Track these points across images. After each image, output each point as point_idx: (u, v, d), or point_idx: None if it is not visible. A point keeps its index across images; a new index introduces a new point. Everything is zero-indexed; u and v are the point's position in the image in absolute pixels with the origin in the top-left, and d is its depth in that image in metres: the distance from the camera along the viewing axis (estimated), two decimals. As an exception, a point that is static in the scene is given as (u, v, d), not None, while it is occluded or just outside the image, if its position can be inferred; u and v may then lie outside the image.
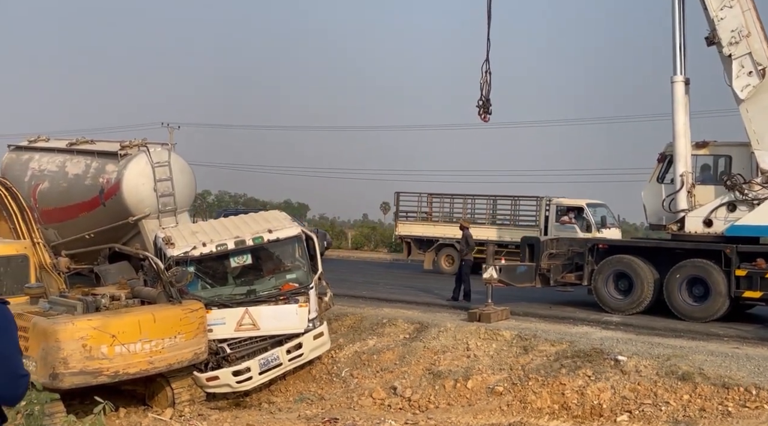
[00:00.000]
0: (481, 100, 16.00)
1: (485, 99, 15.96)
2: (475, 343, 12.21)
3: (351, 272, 23.32)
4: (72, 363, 9.39)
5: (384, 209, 71.63)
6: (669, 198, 15.15)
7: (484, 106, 16.01)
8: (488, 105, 16.01)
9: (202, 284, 11.96)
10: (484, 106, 16.01)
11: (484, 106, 16.01)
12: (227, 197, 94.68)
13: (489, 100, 15.99)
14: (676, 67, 15.12)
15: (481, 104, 16.03)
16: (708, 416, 9.29)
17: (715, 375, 9.93)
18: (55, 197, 15.03)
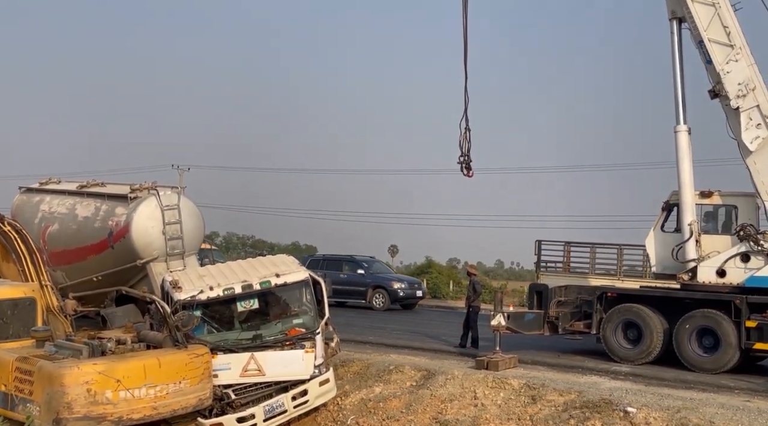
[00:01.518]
0: (462, 157, 15.90)
1: (466, 156, 15.88)
2: (482, 392, 12.08)
3: (358, 317, 23.21)
4: (76, 408, 9.32)
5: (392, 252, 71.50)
6: (677, 247, 15.09)
7: (466, 162, 15.93)
8: (469, 161, 15.89)
9: (208, 328, 11.92)
10: (465, 163, 15.93)
11: (466, 163, 15.92)
12: (235, 239, 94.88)
13: (469, 156, 15.87)
14: (679, 116, 15.23)
15: (462, 161, 15.93)
16: (719, 471, 9.12)
17: (726, 429, 9.78)
18: (65, 239, 15.08)
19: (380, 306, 26.21)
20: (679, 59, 15.30)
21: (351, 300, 26.89)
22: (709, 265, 14.64)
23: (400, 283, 27.18)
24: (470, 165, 15.87)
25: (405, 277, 29.02)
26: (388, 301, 26.24)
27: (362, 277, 27.01)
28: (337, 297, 26.48)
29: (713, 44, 14.55)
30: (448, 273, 44.34)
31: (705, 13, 14.59)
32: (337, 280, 25.38)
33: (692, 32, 14.92)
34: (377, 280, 26.93)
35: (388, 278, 27.53)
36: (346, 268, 27.53)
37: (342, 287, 26.01)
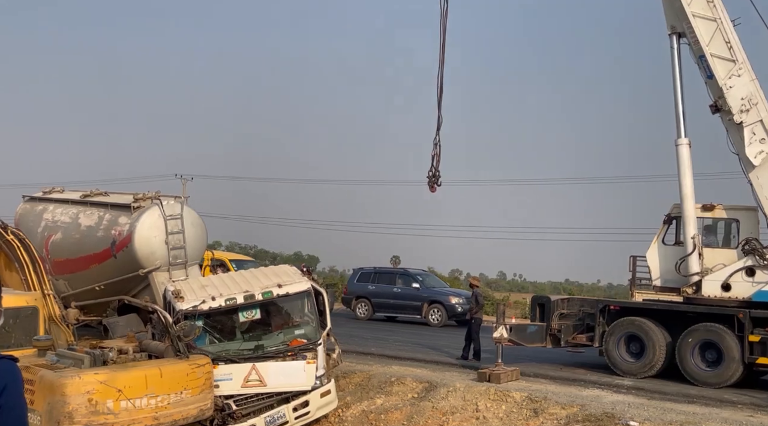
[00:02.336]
0: (431, 172, 16.09)
1: (435, 170, 16.06)
2: (484, 405, 12.05)
3: (360, 328, 23.17)
4: (77, 417, 9.31)
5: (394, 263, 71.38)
6: (681, 260, 15.07)
7: (434, 177, 16.11)
8: (438, 177, 16.10)
9: (210, 339, 11.91)
10: (434, 177, 16.11)
11: (434, 178, 16.11)
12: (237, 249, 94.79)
13: (438, 171, 16.08)
14: (680, 130, 15.27)
15: (430, 176, 16.13)
16: (722, 487, 9.08)
17: (730, 444, 9.73)
18: (67, 248, 15.11)
19: (436, 322, 24.91)
20: (679, 73, 15.36)
21: (403, 315, 26.03)
22: (714, 278, 14.61)
23: (457, 297, 25.59)
24: (438, 180, 16.12)
25: (461, 292, 27.17)
26: (445, 317, 24.93)
27: (417, 292, 25.67)
28: (388, 311, 26.26)
29: (715, 59, 14.59)
30: (451, 284, 44.32)
31: (706, 29, 14.64)
32: (389, 295, 25.53)
33: (692, 47, 14.97)
34: (433, 295, 25.74)
35: (444, 293, 26.32)
36: (400, 282, 26.32)
37: (395, 302, 25.56)
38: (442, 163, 15.95)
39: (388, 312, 26.39)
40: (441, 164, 16.00)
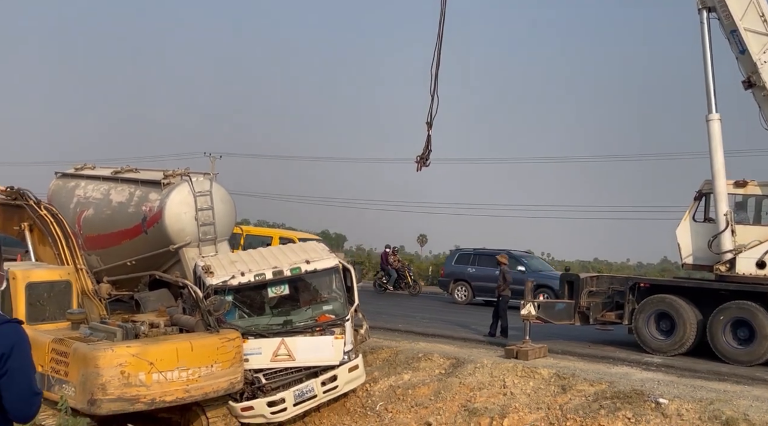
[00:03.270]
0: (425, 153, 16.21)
1: (427, 151, 16.16)
2: (512, 381, 12.04)
3: (388, 304, 23.24)
4: (110, 389, 9.48)
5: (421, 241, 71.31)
6: (713, 238, 14.87)
7: (425, 157, 16.28)
8: (427, 158, 16.27)
9: (239, 313, 12.03)
10: (425, 158, 16.28)
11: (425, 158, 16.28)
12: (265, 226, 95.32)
13: (430, 152, 16.21)
14: (711, 106, 15.00)
15: (421, 155, 16.26)
16: (753, 464, 9.00)
17: (761, 421, 9.64)
18: (99, 224, 15.26)
19: None
20: (710, 49, 15.05)
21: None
22: (749, 256, 14.42)
23: None
24: (427, 162, 16.29)
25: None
26: None
27: (522, 275, 23.14)
28: (490, 295, 23.50)
29: (749, 33, 14.32)
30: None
31: (739, 2, 14.35)
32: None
33: (722, 22, 14.68)
34: (541, 279, 23.42)
35: (553, 277, 23.97)
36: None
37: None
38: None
39: (489, 296, 24.19)
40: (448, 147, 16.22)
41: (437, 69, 16.00)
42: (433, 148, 16.13)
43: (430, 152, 16.09)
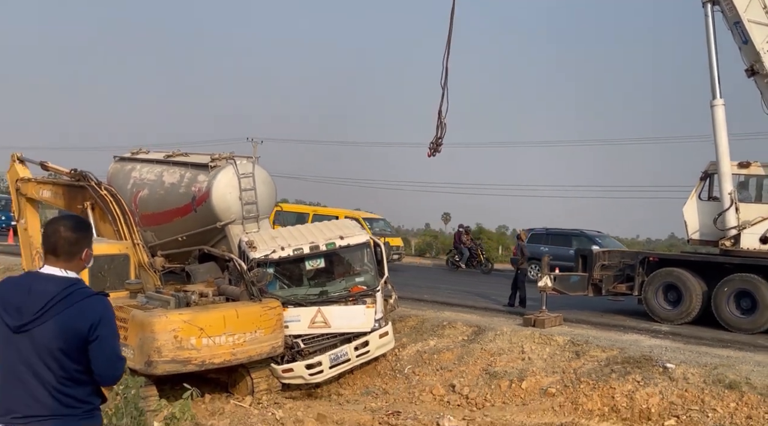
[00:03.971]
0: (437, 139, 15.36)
1: (439, 139, 15.32)
2: (529, 347, 12.05)
3: (414, 277, 23.30)
4: (165, 352, 9.66)
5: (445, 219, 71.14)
6: (719, 215, 14.70)
7: (437, 144, 15.44)
8: (439, 144, 15.44)
9: (279, 284, 12.15)
10: (437, 145, 15.44)
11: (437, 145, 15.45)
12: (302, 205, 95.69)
13: (441, 140, 15.36)
14: (715, 91, 14.75)
15: (433, 142, 15.41)
16: (755, 424, 8.95)
17: (762, 385, 9.56)
18: (153, 203, 15.40)
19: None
20: (714, 40, 14.76)
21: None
22: (753, 232, 14.28)
23: None
24: (439, 148, 15.47)
25: None
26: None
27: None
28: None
29: (752, 24, 14.06)
30: (498, 239, 44.06)
31: None
32: (565, 257, 20.68)
33: (726, 14, 14.43)
34: None
35: None
36: (576, 244, 22.65)
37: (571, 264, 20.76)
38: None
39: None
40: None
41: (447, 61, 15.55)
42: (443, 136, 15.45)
43: (442, 139, 15.59)
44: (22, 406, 3.32)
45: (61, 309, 3.32)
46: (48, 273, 3.44)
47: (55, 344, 3.30)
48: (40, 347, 3.31)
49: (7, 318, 3.35)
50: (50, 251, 3.46)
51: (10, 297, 3.39)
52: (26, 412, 3.31)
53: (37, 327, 3.31)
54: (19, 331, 3.33)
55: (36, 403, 3.31)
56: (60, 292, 3.36)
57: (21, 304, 3.35)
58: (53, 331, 3.30)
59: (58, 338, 3.30)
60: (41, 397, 3.31)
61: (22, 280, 3.49)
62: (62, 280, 3.42)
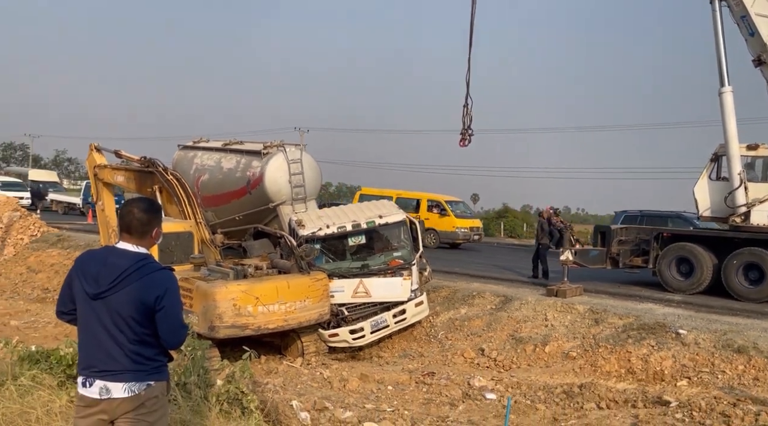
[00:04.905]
0: (466, 130, 14.71)
1: (468, 128, 14.69)
2: (552, 315, 11.94)
3: (446, 252, 23.24)
4: (225, 318, 9.82)
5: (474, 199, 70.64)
6: (729, 194, 14.31)
7: (466, 134, 14.77)
8: (470, 134, 14.77)
9: (325, 259, 12.23)
10: (466, 134, 14.78)
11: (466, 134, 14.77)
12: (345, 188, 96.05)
13: (471, 129, 14.72)
14: (723, 79, 14.24)
15: (463, 132, 14.74)
16: (761, 385, 8.74)
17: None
18: (213, 186, 15.59)
19: None
20: (722, 32, 14.22)
21: None
22: (762, 209, 13.92)
23: None
24: (469, 137, 14.82)
25: None
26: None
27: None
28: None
29: (759, 18, 13.59)
30: (523, 217, 43.67)
31: None
32: None
33: (733, 9, 13.94)
34: None
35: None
36: (672, 226, 19.43)
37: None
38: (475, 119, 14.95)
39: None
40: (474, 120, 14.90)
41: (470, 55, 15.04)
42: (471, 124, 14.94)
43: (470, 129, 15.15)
44: (99, 362, 3.41)
45: (132, 281, 3.39)
46: (122, 248, 3.51)
47: (126, 311, 3.38)
48: (114, 313, 3.39)
49: (86, 286, 3.44)
50: (125, 229, 3.52)
51: (89, 267, 3.48)
52: (103, 367, 3.40)
53: (112, 295, 3.39)
54: (96, 298, 3.41)
55: (111, 360, 3.40)
56: (131, 265, 3.42)
57: (97, 274, 3.43)
58: (125, 300, 3.38)
59: (129, 306, 3.37)
60: (116, 355, 3.40)
61: (100, 253, 3.57)
62: (134, 254, 3.48)
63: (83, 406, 3.44)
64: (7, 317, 14.56)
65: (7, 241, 21.32)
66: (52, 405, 4.45)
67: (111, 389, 3.38)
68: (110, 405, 3.38)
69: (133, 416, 3.40)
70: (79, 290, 3.46)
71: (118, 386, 3.38)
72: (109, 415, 3.40)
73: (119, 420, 3.41)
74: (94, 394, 3.39)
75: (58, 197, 37.18)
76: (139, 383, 3.41)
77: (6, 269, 20.06)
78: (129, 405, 3.39)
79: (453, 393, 9.09)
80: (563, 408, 8.58)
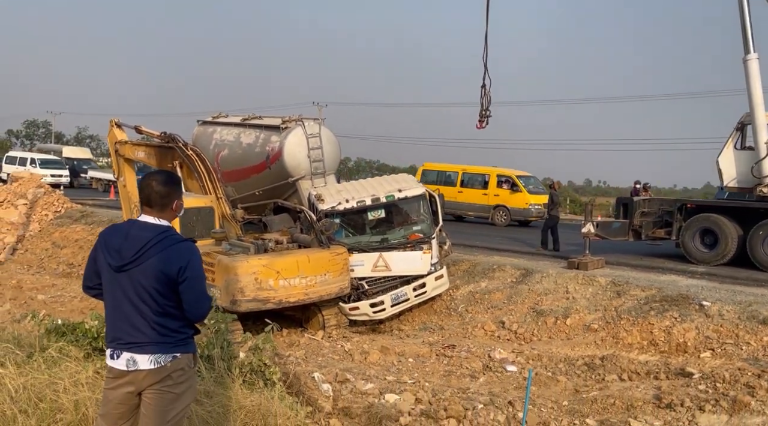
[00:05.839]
0: (484, 111, 14.63)
1: (486, 109, 14.60)
2: (573, 288, 11.89)
3: (466, 226, 23.17)
4: (247, 292, 9.91)
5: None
6: (756, 164, 14.03)
7: (484, 115, 14.68)
8: (488, 115, 14.65)
9: (345, 233, 12.25)
10: (484, 116, 14.67)
11: (484, 116, 14.67)
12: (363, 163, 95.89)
13: (489, 110, 14.61)
14: (749, 46, 13.90)
15: (482, 114, 14.66)
16: (787, 357, 8.65)
17: (795, 321, 9.20)
18: (233, 161, 15.59)
19: None
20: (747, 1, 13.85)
21: None
22: None
23: None
24: (487, 118, 14.70)
25: None
26: None
27: None
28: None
29: None
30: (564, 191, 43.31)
31: None
32: None
33: None
34: None
35: None
36: None
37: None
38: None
39: None
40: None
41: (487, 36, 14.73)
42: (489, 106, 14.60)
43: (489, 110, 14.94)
44: (125, 334, 3.46)
45: (155, 253, 3.41)
46: (144, 221, 3.53)
47: (150, 283, 3.41)
48: (138, 285, 3.42)
49: (109, 259, 3.47)
50: (145, 202, 3.55)
51: (112, 241, 3.51)
52: (129, 339, 3.45)
53: (135, 268, 3.42)
54: (120, 270, 3.44)
55: (137, 332, 3.44)
56: (153, 237, 3.44)
57: (120, 247, 3.46)
58: (148, 272, 3.40)
59: (153, 278, 3.40)
60: (141, 327, 3.44)
61: (122, 227, 3.60)
62: (156, 227, 3.50)
63: (111, 377, 3.50)
64: (34, 292, 14.85)
65: (32, 217, 21.66)
66: (78, 376, 4.54)
67: (138, 361, 3.42)
68: (137, 377, 3.43)
69: (160, 387, 3.45)
70: (103, 264, 3.50)
71: (144, 358, 3.42)
72: (136, 387, 3.45)
73: (146, 392, 3.46)
74: (121, 366, 3.45)
75: (97, 174, 37.50)
76: (164, 355, 3.45)
77: (32, 245, 20.42)
78: (155, 377, 3.44)
79: (474, 365, 9.13)
80: (584, 380, 8.58)
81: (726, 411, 6.76)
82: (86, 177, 37.90)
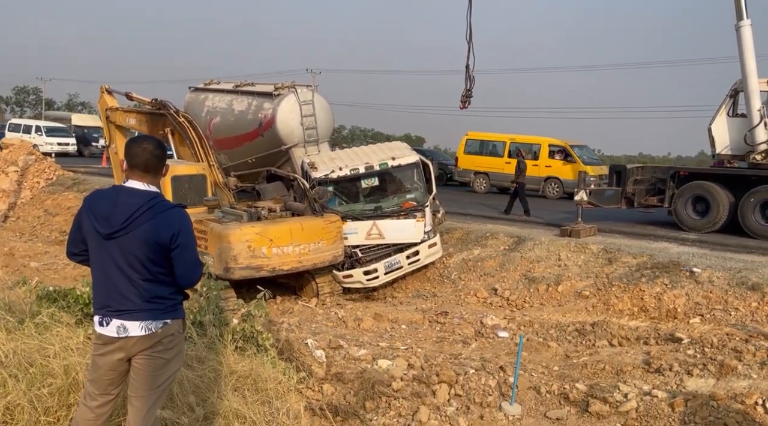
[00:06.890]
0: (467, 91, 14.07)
1: (468, 91, 14.07)
2: (565, 255, 11.93)
3: (460, 194, 23.15)
4: (240, 260, 9.91)
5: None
6: (749, 131, 14.00)
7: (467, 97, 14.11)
8: (470, 96, 14.13)
9: (338, 201, 12.22)
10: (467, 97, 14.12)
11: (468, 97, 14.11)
12: (358, 131, 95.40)
13: (471, 92, 14.08)
14: (742, 12, 13.74)
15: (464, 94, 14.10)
16: (774, 323, 8.75)
17: (784, 287, 9.28)
18: (225, 129, 15.49)
19: None
20: None
21: None
22: None
23: None
24: (469, 100, 14.18)
25: None
26: None
27: None
28: None
29: None
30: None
31: None
32: None
33: None
34: None
35: None
36: None
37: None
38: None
39: None
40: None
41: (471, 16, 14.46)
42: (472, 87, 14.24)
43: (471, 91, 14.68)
44: (114, 301, 3.44)
45: (146, 220, 3.37)
46: (131, 187, 3.48)
47: (140, 251, 3.37)
48: (128, 253, 3.39)
49: (97, 226, 3.43)
50: (140, 168, 3.46)
51: (99, 207, 3.46)
52: (118, 307, 3.43)
53: (125, 235, 3.38)
54: (109, 238, 3.41)
55: (126, 300, 3.42)
56: (144, 204, 3.40)
57: (109, 214, 3.41)
58: (139, 239, 3.37)
59: (143, 246, 3.37)
60: (130, 294, 3.42)
61: (109, 193, 3.54)
62: (145, 193, 3.46)
63: (100, 344, 3.49)
64: (26, 259, 14.83)
65: (23, 185, 21.53)
66: (69, 341, 4.55)
67: (128, 328, 3.42)
68: (127, 343, 3.43)
69: (150, 353, 3.45)
70: (90, 230, 3.46)
71: (135, 325, 3.42)
72: (126, 353, 3.45)
73: (136, 357, 3.46)
74: (111, 332, 3.44)
75: None
76: (155, 322, 3.44)
77: (24, 212, 20.33)
78: (146, 343, 3.44)
79: (466, 331, 9.20)
80: (575, 345, 8.67)
81: (713, 375, 6.85)
82: (98, 146, 36.04)
